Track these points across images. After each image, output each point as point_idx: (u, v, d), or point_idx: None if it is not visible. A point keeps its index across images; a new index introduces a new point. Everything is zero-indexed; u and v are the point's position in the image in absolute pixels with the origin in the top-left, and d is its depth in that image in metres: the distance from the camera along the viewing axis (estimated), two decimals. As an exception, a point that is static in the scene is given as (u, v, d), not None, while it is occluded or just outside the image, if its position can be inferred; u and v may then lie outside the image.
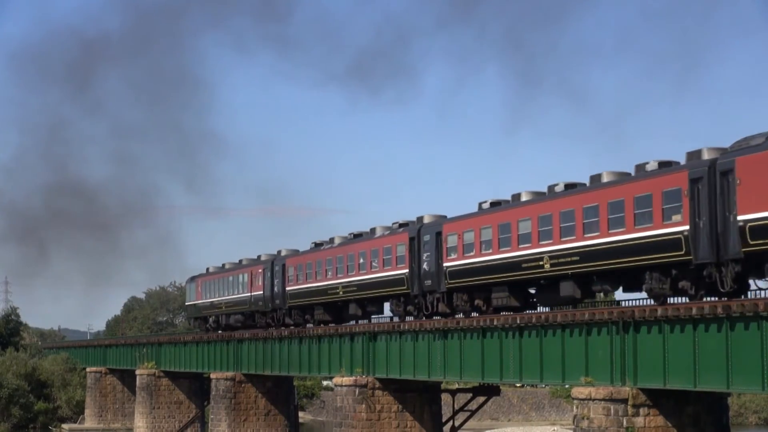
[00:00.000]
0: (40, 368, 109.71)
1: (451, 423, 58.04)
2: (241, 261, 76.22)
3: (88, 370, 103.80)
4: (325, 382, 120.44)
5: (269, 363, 67.15)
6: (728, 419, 41.97)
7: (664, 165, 38.98)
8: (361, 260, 56.96)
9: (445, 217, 52.67)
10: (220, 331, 77.94)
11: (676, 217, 36.68)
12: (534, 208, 44.11)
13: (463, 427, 59.34)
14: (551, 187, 44.63)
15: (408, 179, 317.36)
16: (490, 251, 46.38)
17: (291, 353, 64.22)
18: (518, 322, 43.96)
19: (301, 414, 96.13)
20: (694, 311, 35.71)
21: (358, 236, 59.99)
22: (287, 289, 65.80)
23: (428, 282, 51.02)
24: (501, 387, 59.11)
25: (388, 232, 55.95)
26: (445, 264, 49.64)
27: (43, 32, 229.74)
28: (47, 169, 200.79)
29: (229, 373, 70.73)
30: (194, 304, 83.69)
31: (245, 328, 73.28)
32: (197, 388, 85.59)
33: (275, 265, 67.74)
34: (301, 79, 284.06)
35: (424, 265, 51.25)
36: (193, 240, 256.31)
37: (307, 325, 64.16)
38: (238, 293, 72.97)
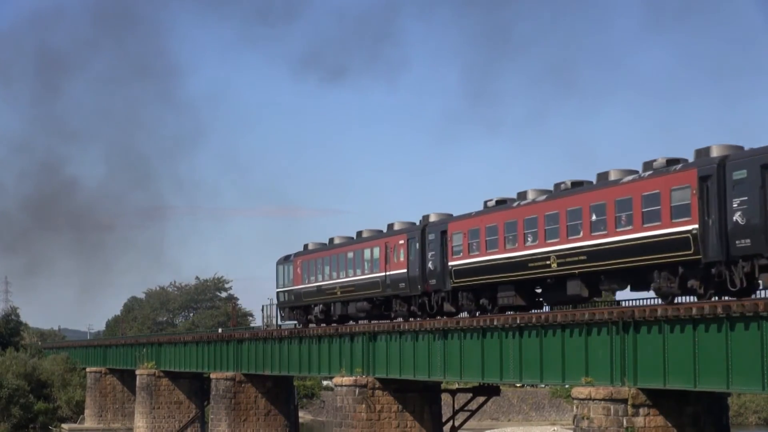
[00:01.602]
0: (40, 368, 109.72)
1: (451, 423, 58.05)
2: (360, 233, 60.28)
3: (88, 370, 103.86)
4: (325, 382, 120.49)
5: (269, 363, 67.15)
6: (728, 419, 41.98)
7: None
8: (594, 217, 40.40)
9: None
10: (326, 324, 62.61)
11: None
12: None
13: (463, 427, 59.35)
14: None
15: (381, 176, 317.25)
16: None
17: (291, 353, 64.21)
18: (518, 322, 43.95)
19: (301, 414, 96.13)
20: (694, 311, 35.72)
21: (577, 185, 43.01)
22: (450, 264, 49.15)
23: (743, 242, 34.05)
24: (501, 387, 59.13)
25: (649, 172, 38.92)
26: None
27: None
28: (31, 168, 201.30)
29: (229, 373, 70.74)
30: (290, 291, 66.20)
31: (373, 318, 58.40)
32: (197, 388, 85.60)
33: (428, 233, 51.71)
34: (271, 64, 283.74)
35: (736, 217, 34.25)
36: (189, 241, 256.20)
37: (475, 313, 49.27)
38: (365, 273, 57.16)
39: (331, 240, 63.10)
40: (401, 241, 53.89)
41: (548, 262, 42.74)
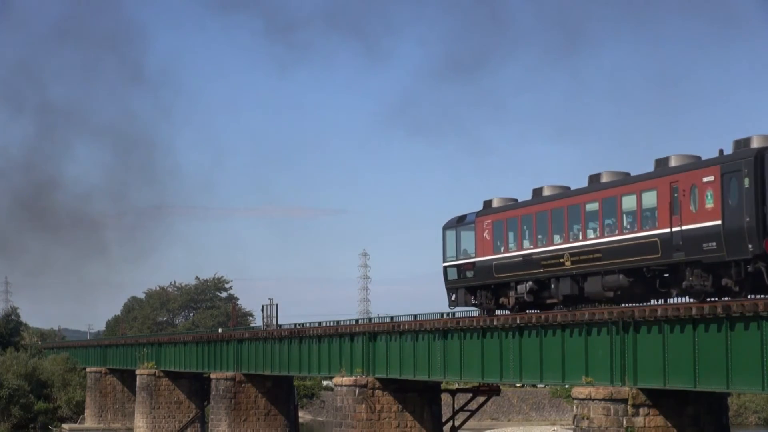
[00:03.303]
0: (40, 368, 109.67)
1: (451, 423, 58.05)
2: (598, 176, 42.77)
3: (88, 370, 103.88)
4: (325, 382, 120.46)
5: (269, 363, 67.14)
6: (728, 419, 42.03)
7: None
8: None
9: None
10: (519, 311, 46.11)
11: None
12: None
13: (463, 427, 59.35)
14: None
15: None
16: None
17: (291, 353, 64.20)
18: (518, 322, 43.96)
19: (301, 414, 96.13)
20: (694, 311, 35.73)
21: None
22: None
23: None
24: (501, 387, 59.11)
25: None
26: None
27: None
28: (22, 166, 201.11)
29: (229, 373, 70.73)
30: (469, 264, 48.91)
31: (634, 299, 41.24)
32: (197, 388, 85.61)
33: None
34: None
35: None
36: (189, 240, 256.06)
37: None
38: (623, 232, 39.89)
39: (538, 191, 46.03)
40: (707, 178, 36.59)
41: None
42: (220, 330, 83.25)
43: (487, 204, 48.81)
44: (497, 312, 48.17)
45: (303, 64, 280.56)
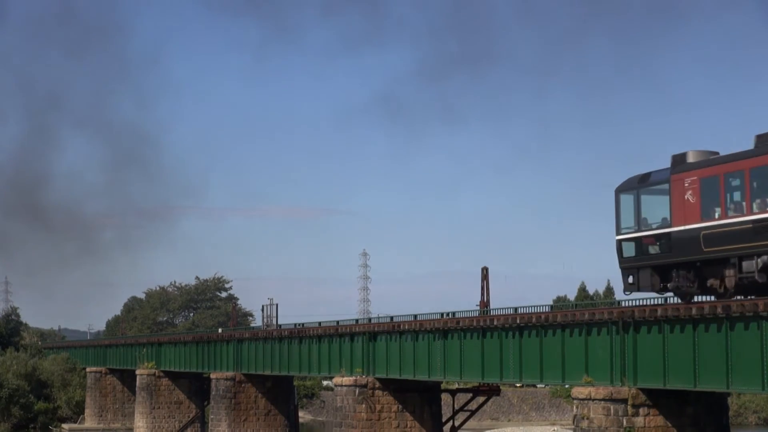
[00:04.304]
0: (40, 368, 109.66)
1: (451, 423, 58.05)
2: None
3: (88, 370, 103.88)
4: (325, 382, 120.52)
5: (269, 363, 67.14)
6: (728, 419, 42.00)
7: None
8: None
9: None
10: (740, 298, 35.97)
11: None
12: None
13: (463, 427, 59.35)
14: None
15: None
16: None
17: (291, 353, 64.19)
18: (518, 322, 43.96)
19: (301, 414, 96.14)
20: (694, 311, 35.73)
21: None
22: None
23: None
24: (501, 387, 59.12)
25: None
26: None
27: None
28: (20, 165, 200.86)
29: (229, 373, 70.74)
30: (664, 235, 37.99)
31: None
32: (197, 388, 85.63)
33: None
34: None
35: None
36: (188, 241, 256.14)
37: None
38: None
39: (765, 137, 34.82)
40: None
41: None
42: (220, 330, 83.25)
43: (679, 159, 38.03)
44: (697, 298, 37.96)
45: (301, 60, 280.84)
